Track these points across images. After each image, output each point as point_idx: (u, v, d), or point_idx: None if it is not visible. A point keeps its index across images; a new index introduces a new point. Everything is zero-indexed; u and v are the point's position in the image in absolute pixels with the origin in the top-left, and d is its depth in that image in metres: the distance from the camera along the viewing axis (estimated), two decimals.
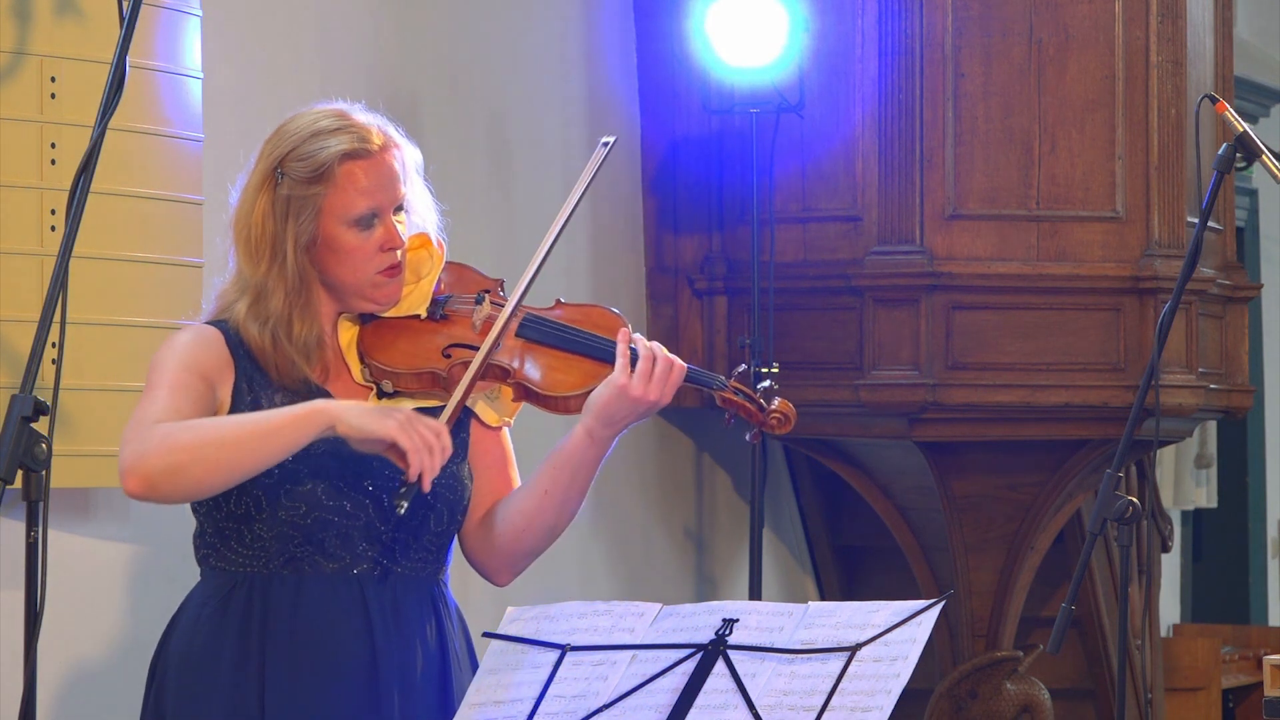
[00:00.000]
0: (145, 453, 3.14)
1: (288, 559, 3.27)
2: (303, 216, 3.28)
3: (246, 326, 3.30)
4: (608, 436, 3.31)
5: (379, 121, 3.36)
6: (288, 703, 3.25)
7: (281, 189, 3.29)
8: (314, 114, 3.35)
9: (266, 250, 3.29)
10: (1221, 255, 6.30)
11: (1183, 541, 9.40)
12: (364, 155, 3.30)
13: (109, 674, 4.53)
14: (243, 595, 3.29)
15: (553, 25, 5.97)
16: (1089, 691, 6.75)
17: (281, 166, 3.29)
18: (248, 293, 3.31)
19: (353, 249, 3.30)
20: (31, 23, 4.18)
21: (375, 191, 3.30)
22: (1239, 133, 3.73)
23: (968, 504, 6.13)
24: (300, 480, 3.26)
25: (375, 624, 3.28)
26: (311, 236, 3.29)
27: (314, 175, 3.28)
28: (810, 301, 5.93)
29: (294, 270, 3.29)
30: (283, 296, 3.29)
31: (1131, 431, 3.77)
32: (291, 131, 3.32)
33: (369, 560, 3.29)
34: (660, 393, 3.30)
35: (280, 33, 4.99)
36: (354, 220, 3.30)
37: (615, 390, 3.27)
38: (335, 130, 3.30)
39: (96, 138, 2.98)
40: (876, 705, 2.79)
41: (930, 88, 5.81)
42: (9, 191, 4.16)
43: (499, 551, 3.40)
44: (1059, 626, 3.61)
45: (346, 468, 3.28)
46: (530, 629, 2.95)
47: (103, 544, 4.50)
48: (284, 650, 3.26)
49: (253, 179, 3.33)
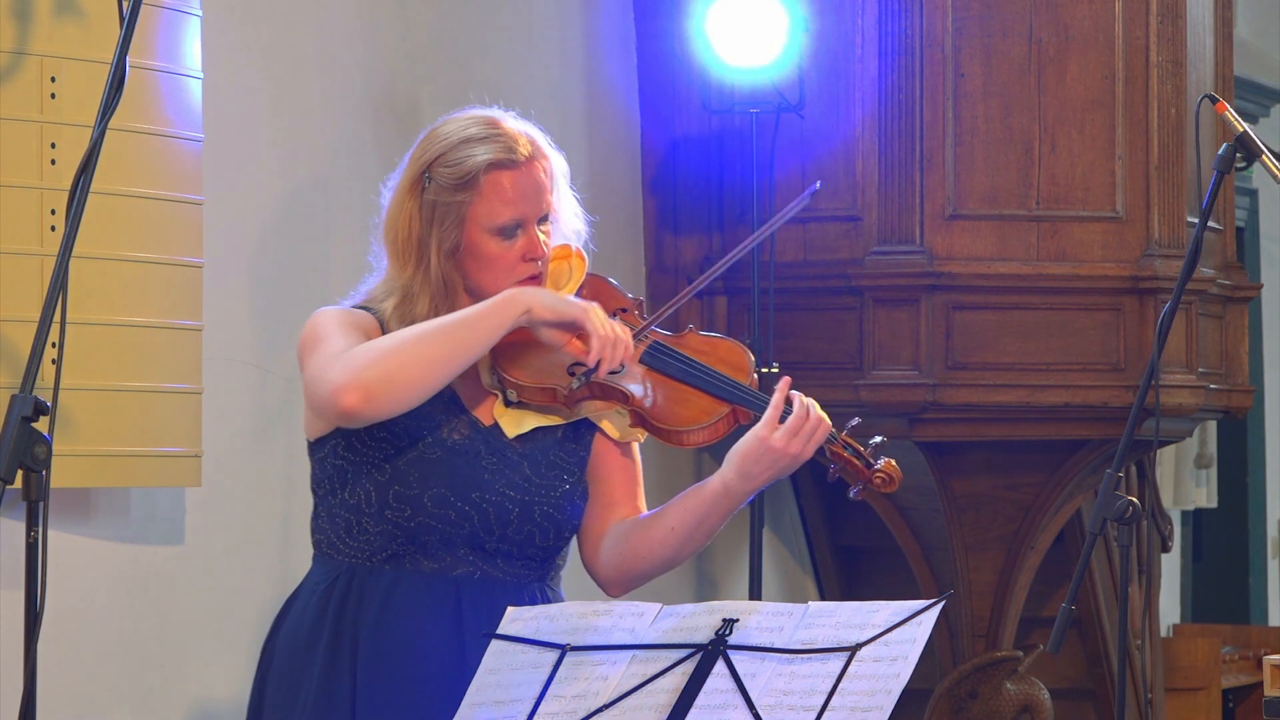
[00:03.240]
0: (355, 368, 3.16)
1: (390, 555, 3.30)
2: (447, 223, 3.31)
3: (391, 324, 3.32)
4: (744, 491, 3.33)
5: (529, 131, 3.38)
6: (376, 695, 3.28)
7: (428, 194, 3.32)
8: (465, 119, 3.37)
9: (413, 254, 3.33)
10: (1221, 255, 6.30)
11: (1183, 541, 9.41)
12: (510, 165, 3.32)
13: (109, 674, 4.53)
14: (343, 585, 3.32)
15: (553, 26, 5.97)
16: (1089, 691, 6.75)
17: (430, 171, 3.32)
18: (396, 293, 3.35)
19: (495, 257, 3.33)
20: (31, 23, 4.18)
21: (520, 202, 3.33)
22: (1239, 133, 3.73)
23: (968, 504, 6.13)
24: (409, 484, 3.29)
25: (467, 626, 3.29)
26: (455, 243, 3.32)
27: (460, 182, 3.31)
28: (810, 301, 5.93)
29: (438, 275, 3.32)
30: (428, 300, 3.32)
31: (1131, 431, 3.77)
32: (441, 136, 3.35)
33: (469, 564, 3.31)
34: (802, 448, 3.31)
35: (280, 33, 4.99)
36: (497, 229, 3.32)
37: (759, 442, 3.29)
38: (483, 138, 3.33)
39: (96, 138, 2.98)
40: (876, 705, 2.79)
41: (930, 88, 5.81)
42: (9, 191, 4.16)
43: (615, 569, 3.44)
44: (1059, 626, 3.61)
45: (457, 476, 3.31)
46: (530, 629, 2.95)
47: (103, 544, 4.50)
48: (372, 643, 3.29)
49: (403, 182, 3.36)
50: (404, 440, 3.31)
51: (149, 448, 4.39)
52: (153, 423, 4.39)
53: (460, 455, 3.30)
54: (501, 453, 3.35)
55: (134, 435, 4.36)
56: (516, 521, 3.32)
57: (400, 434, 3.31)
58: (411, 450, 3.31)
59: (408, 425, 3.30)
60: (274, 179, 4.95)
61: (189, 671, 4.70)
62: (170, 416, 4.42)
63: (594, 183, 6.09)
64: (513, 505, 3.32)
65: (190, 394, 4.47)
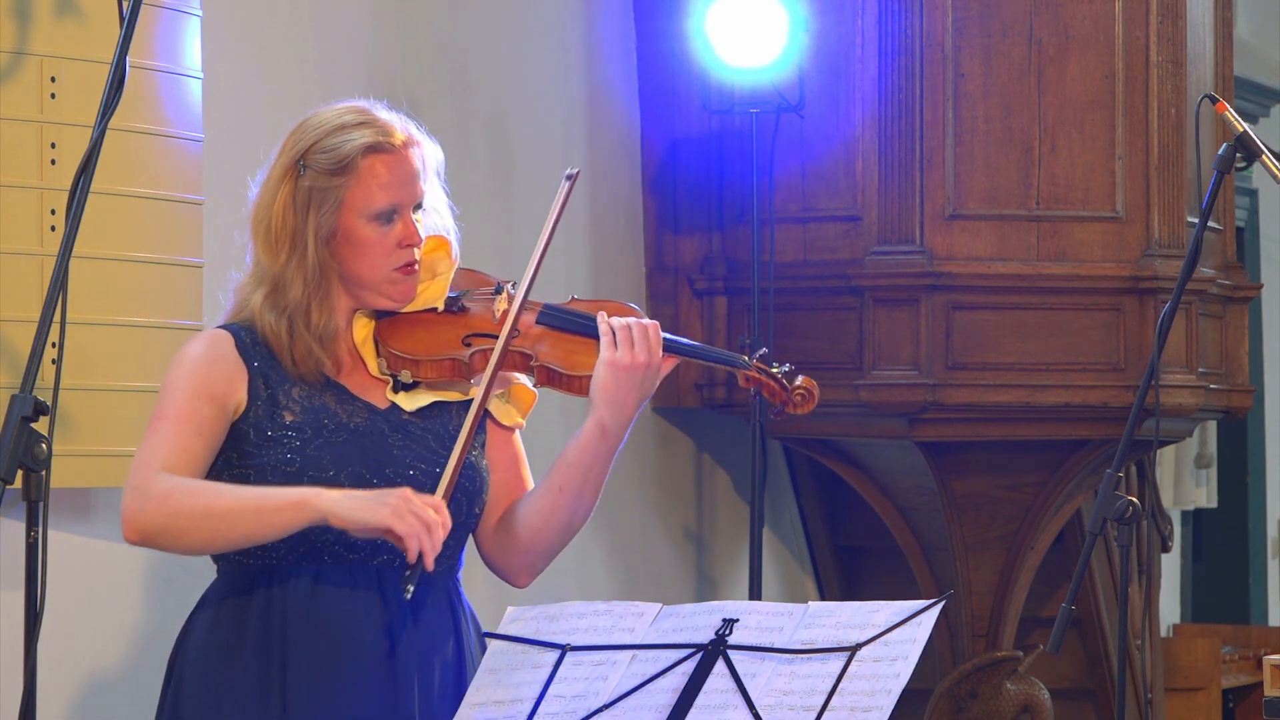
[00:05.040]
0: (145, 509, 3.24)
1: (306, 550, 3.29)
2: (324, 208, 3.32)
3: (263, 315, 3.33)
4: (618, 423, 3.33)
5: (401, 119, 3.39)
6: (309, 692, 3.27)
7: (304, 181, 3.32)
8: (337, 110, 3.39)
9: (286, 241, 3.32)
10: (1221, 255, 6.30)
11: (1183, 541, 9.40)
12: (387, 150, 3.34)
13: (109, 674, 4.53)
14: (263, 587, 3.32)
15: (553, 25, 5.97)
16: (1089, 691, 6.75)
17: (304, 159, 3.33)
18: (265, 283, 3.35)
19: (371, 244, 3.33)
20: (31, 23, 4.18)
21: (396, 187, 3.34)
22: (1239, 133, 3.73)
23: (968, 504, 6.13)
24: (323, 468, 3.29)
25: (393, 614, 3.29)
26: (331, 229, 3.32)
27: (336, 167, 3.31)
28: (810, 301, 5.93)
29: (314, 262, 3.32)
30: (301, 287, 3.32)
31: (1131, 431, 3.77)
32: (314, 125, 3.36)
33: (389, 551, 3.29)
34: (648, 354, 3.33)
35: (280, 33, 4.99)
36: (374, 215, 3.33)
37: (607, 367, 3.30)
38: (358, 124, 3.34)
39: (96, 138, 2.98)
40: (876, 705, 2.79)
41: (930, 88, 5.81)
42: (9, 191, 4.16)
43: (517, 552, 3.42)
44: (1059, 626, 3.61)
45: (368, 455, 3.31)
46: (530, 629, 2.96)
47: (103, 544, 4.50)
48: (304, 639, 3.28)
49: (274, 172, 3.37)
50: (307, 431, 3.31)
51: None
52: None
53: (366, 435, 3.31)
54: (404, 428, 3.36)
55: (134, 435, 4.34)
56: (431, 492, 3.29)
57: (302, 426, 3.31)
58: (317, 438, 3.31)
59: (306, 419, 3.31)
60: None
61: None
62: None
63: (594, 183, 6.10)
64: (424, 477, 3.31)
65: None
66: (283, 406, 3.32)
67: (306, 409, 3.32)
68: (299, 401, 3.33)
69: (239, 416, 3.32)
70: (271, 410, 3.32)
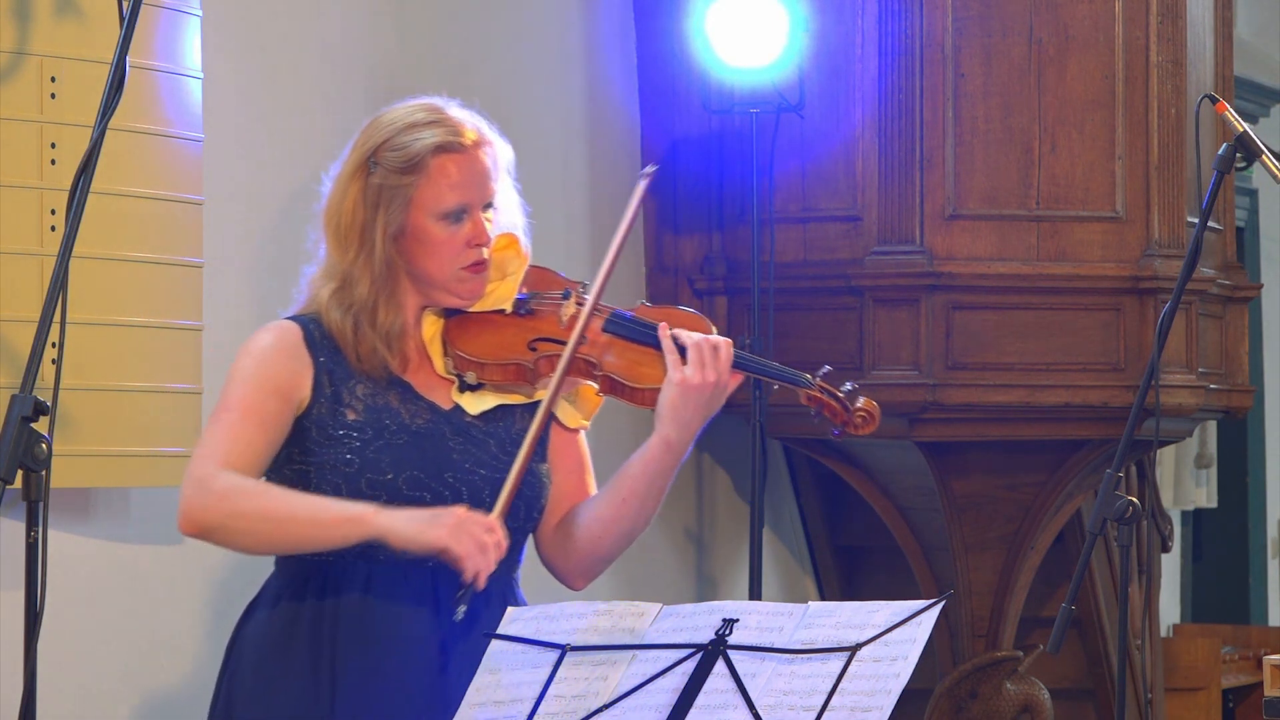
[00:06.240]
0: (206, 505, 3.25)
1: (362, 548, 3.29)
2: (393, 206, 3.33)
3: (329, 311, 3.35)
4: (683, 440, 3.35)
5: (472, 117, 3.40)
6: (359, 689, 3.28)
7: (374, 178, 3.34)
8: (409, 107, 3.40)
9: (355, 238, 3.34)
10: (1221, 255, 6.30)
11: (1183, 541, 9.40)
12: (457, 149, 3.35)
13: (109, 674, 4.53)
14: (316, 584, 3.33)
15: (553, 25, 5.97)
16: (1089, 691, 6.74)
17: (375, 156, 3.34)
18: (334, 278, 3.36)
19: (440, 242, 3.34)
20: (31, 23, 4.18)
21: (466, 186, 3.35)
22: (1239, 133, 3.73)
23: (968, 504, 6.13)
24: (381, 470, 3.30)
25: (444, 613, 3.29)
26: (400, 227, 3.33)
27: (406, 166, 3.33)
28: (810, 301, 5.93)
29: (381, 259, 3.33)
30: (369, 284, 3.33)
31: (1131, 431, 3.77)
32: (386, 123, 3.38)
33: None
34: (717, 374, 3.33)
35: (280, 33, 4.99)
36: (443, 214, 3.34)
37: (675, 387, 3.30)
38: (429, 123, 3.36)
39: (96, 138, 2.98)
40: (876, 705, 2.79)
41: (930, 88, 5.81)
42: (9, 191, 4.16)
43: (575, 556, 3.44)
44: (1059, 626, 3.61)
45: (427, 459, 3.32)
46: (530, 629, 2.96)
47: (103, 544, 4.50)
48: (355, 637, 3.30)
49: (345, 168, 3.38)
50: (368, 431, 3.32)
51: (149, 448, 4.39)
52: (153, 423, 4.39)
53: (427, 438, 3.32)
54: (466, 432, 3.36)
55: (134, 435, 4.36)
56: (490, 499, 3.31)
57: (364, 426, 3.32)
58: (378, 440, 3.32)
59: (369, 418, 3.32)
60: (274, 179, 4.95)
61: (189, 671, 4.70)
62: (170, 416, 4.42)
63: (594, 183, 6.10)
64: (484, 484, 3.33)
65: (190, 394, 4.47)
66: (345, 404, 3.33)
67: (369, 407, 3.33)
68: (362, 399, 3.34)
69: (302, 412, 3.34)
70: (334, 408, 3.33)
